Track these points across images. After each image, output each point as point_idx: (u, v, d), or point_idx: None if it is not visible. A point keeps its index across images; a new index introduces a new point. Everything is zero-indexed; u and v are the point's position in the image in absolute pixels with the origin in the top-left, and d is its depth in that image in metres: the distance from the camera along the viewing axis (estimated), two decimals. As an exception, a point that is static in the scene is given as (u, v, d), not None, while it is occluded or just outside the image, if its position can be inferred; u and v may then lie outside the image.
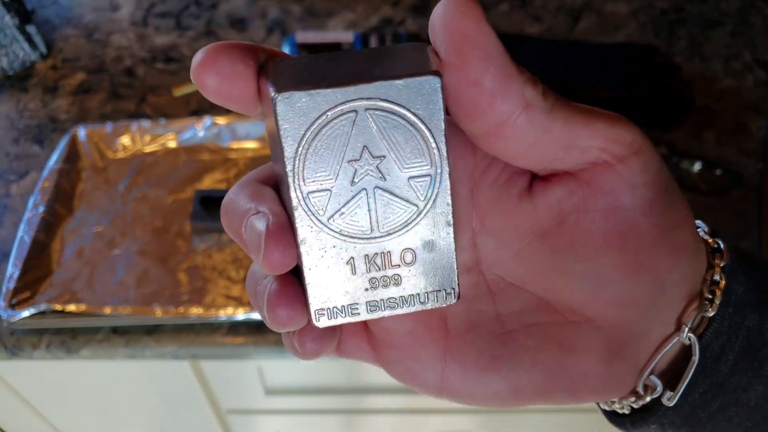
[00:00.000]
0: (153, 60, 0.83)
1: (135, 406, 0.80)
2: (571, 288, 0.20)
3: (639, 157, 0.19)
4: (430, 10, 0.86)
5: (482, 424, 0.83)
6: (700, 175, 0.68)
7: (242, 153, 0.71)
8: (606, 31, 0.84)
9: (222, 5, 0.89)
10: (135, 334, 0.59)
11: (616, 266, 0.19)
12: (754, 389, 0.22)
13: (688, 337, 0.21)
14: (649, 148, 0.19)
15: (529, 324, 0.21)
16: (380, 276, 0.19)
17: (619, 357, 0.21)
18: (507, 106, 0.17)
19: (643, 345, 0.21)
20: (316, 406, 0.78)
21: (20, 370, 0.71)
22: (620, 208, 0.19)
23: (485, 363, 0.21)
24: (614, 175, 0.19)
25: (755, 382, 0.22)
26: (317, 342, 0.19)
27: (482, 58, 0.17)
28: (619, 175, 0.19)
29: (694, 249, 0.21)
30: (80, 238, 0.65)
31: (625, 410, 0.24)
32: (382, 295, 0.19)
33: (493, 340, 0.21)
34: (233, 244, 0.64)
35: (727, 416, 0.22)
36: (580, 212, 0.19)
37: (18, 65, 0.82)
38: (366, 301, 0.19)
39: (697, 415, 0.22)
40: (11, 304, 0.59)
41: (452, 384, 0.21)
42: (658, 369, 0.22)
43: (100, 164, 0.71)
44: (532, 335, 0.21)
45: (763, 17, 0.85)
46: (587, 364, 0.21)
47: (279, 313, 0.18)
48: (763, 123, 0.73)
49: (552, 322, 0.21)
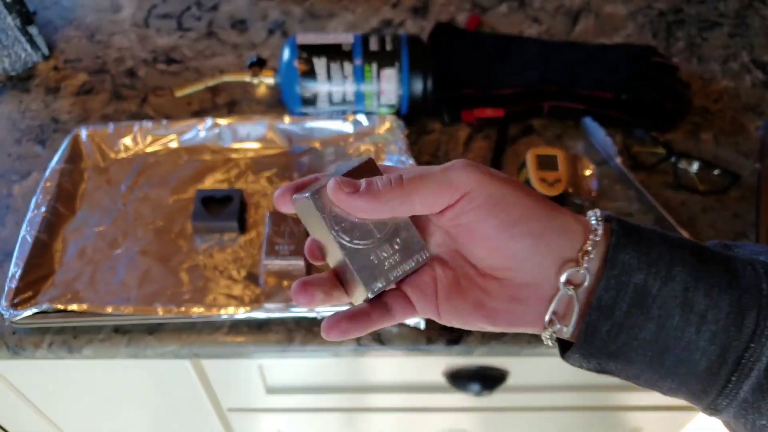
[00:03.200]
0: (154, 61, 0.83)
1: (136, 405, 0.80)
2: (480, 260, 0.33)
3: (468, 196, 0.32)
4: (430, 12, 0.87)
5: (481, 422, 0.84)
6: (698, 175, 0.69)
7: (243, 153, 0.72)
8: (604, 33, 0.84)
9: (223, 6, 0.90)
10: (137, 333, 0.60)
11: (496, 248, 0.32)
12: (648, 328, 0.31)
13: (566, 291, 0.31)
14: (477, 188, 0.31)
15: (467, 277, 0.34)
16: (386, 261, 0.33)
17: (519, 302, 0.32)
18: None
19: (539, 295, 0.32)
20: (316, 404, 0.78)
21: (22, 370, 0.71)
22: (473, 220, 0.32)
23: (451, 300, 0.34)
24: (465, 203, 0.32)
25: (647, 323, 0.31)
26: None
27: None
28: (466, 202, 0.32)
29: (565, 231, 0.32)
30: (82, 237, 0.65)
31: (549, 342, 0.33)
32: (392, 272, 0.34)
33: (452, 289, 0.34)
34: (234, 244, 0.65)
35: (631, 348, 0.31)
36: (462, 218, 0.32)
37: (20, 66, 0.82)
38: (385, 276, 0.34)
39: (608, 348, 0.31)
40: (13, 304, 0.59)
41: (444, 314, 0.34)
42: (561, 313, 0.32)
43: (101, 164, 0.71)
44: (468, 284, 0.34)
45: (760, 18, 0.85)
46: (497, 304, 0.32)
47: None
48: (760, 123, 0.73)
49: (478, 275, 0.33)
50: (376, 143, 0.71)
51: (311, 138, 0.72)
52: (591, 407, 0.80)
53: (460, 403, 0.76)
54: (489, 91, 0.75)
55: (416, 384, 0.74)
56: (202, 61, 0.83)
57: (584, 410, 0.81)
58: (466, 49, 0.80)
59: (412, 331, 0.59)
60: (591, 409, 0.81)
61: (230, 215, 0.65)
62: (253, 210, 0.67)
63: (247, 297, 0.61)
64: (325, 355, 0.60)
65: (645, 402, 0.78)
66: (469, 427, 0.85)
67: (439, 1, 0.89)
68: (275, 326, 0.60)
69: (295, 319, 0.60)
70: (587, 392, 0.76)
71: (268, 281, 0.61)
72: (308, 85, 0.70)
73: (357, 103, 0.71)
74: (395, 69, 0.69)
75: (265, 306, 0.59)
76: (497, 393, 0.70)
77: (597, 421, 0.84)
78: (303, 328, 0.59)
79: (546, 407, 0.80)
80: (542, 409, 0.80)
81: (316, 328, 0.59)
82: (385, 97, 0.71)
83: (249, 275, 0.62)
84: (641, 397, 0.77)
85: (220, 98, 0.78)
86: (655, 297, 0.30)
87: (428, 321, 0.59)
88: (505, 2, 0.88)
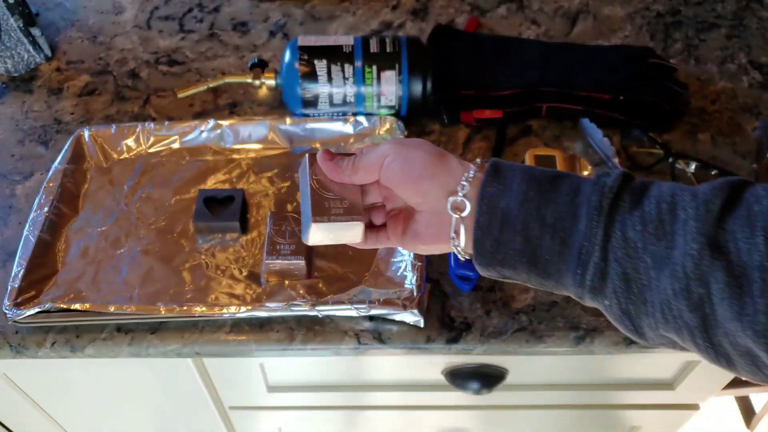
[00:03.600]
0: (156, 62, 0.84)
1: (139, 404, 0.81)
2: (408, 200, 0.46)
3: (387, 159, 0.46)
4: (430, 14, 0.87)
5: (480, 420, 0.84)
6: (696, 175, 0.69)
7: (245, 153, 0.72)
8: (602, 34, 0.85)
9: (225, 8, 0.90)
10: (139, 332, 0.60)
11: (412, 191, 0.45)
12: (516, 240, 0.42)
13: (453, 214, 0.43)
14: (391, 153, 0.46)
15: (409, 214, 0.48)
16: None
17: (433, 226, 0.45)
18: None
19: (443, 220, 0.44)
20: (316, 402, 0.79)
21: (25, 369, 0.72)
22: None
23: (406, 232, 0.48)
24: (386, 164, 0.46)
25: (515, 236, 0.41)
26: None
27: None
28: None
29: (449, 171, 0.44)
30: (85, 237, 0.66)
31: (461, 256, 0.46)
32: (333, 218, 0.47)
33: (405, 223, 0.48)
34: (236, 244, 0.65)
35: (511, 257, 0.42)
36: (391, 175, 0.46)
37: (23, 67, 0.83)
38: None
39: (496, 258, 0.43)
40: (16, 303, 0.59)
41: (405, 242, 0.48)
42: (459, 233, 0.44)
43: (104, 165, 0.72)
44: (409, 218, 0.47)
45: (758, 20, 0.86)
46: (421, 229, 0.46)
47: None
48: (757, 124, 0.74)
49: (413, 211, 0.47)
50: (376, 145, 0.71)
51: (312, 139, 0.73)
52: (589, 405, 0.80)
53: (460, 401, 0.77)
54: (488, 93, 0.75)
55: (416, 382, 0.74)
56: (204, 62, 0.83)
57: (583, 408, 0.82)
58: (466, 50, 0.80)
59: (411, 330, 0.59)
60: (589, 408, 0.81)
61: (232, 215, 0.65)
62: (254, 210, 0.68)
63: (249, 296, 0.61)
64: (326, 354, 0.61)
65: (643, 400, 0.79)
66: (468, 425, 0.85)
67: (439, 4, 0.89)
68: (276, 325, 0.60)
69: (296, 318, 0.60)
70: (586, 391, 0.76)
71: (270, 280, 0.62)
72: (309, 86, 0.70)
73: (357, 105, 0.72)
74: (395, 71, 0.70)
75: (266, 305, 0.59)
76: (496, 391, 0.70)
77: (595, 419, 0.84)
78: (304, 327, 0.60)
79: (545, 405, 0.80)
80: (541, 408, 0.81)
81: (317, 326, 0.60)
82: (385, 99, 0.71)
83: (250, 274, 0.63)
84: (640, 395, 0.77)
85: (222, 99, 0.79)
86: (516, 216, 0.41)
87: (427, 320, 0.59)
88: (504, 4, 0.89)
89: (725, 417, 1.50)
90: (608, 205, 0.39)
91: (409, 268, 0.61)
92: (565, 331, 0.59)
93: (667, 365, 0.72)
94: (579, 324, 0.59)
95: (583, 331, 0.59)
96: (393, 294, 0.59)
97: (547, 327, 0.59)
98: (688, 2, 0.88)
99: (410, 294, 0.59)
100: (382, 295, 0.59)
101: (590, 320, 0.60)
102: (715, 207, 0.36)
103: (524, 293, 0.62)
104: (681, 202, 0.38)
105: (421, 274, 0.60)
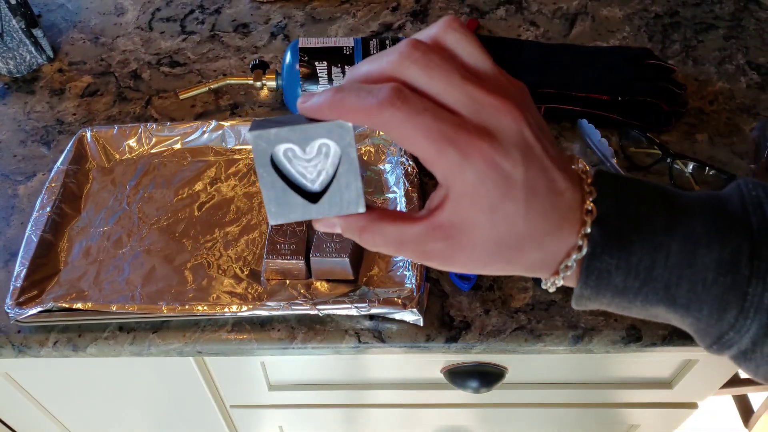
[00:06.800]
0: (158, 64, 0.84)
1: (140, 403, 0.81)
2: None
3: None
4: (430, 16, 0.88)
5: (479, 418, 0.84)
6: (694, 175, 0.69)
7: (246, 154, 0.73)
8: (601, 36, 0.85)
9: (226, 10, 0.91)
10: (141, 331, 0.61)
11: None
12: (633, 312, 0.34)
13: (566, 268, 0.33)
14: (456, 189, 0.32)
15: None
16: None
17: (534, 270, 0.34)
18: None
19: (546, 265, 0.33)
20: (317, 401, 0.79)
21: (27, 368, 0.72)
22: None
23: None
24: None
25: (632, 309, 0.34)
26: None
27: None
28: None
29: (556, 237, 0.32)
30: (87, 237, 0.66)
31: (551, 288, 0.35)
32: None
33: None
34: (237, 243, 0.66)
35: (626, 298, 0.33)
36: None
37: (25, 68, 0.83)
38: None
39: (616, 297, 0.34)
40: (19, 303, 0.60)
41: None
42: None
43: (106, 165, 0.72)
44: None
45: (755, 21, 0.86)
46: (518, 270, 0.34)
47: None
48: (755, 124, 0.74)
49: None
50: (375, 145, 0.72)
51: (312, 139, 0.73)
52: (588, 404, 0.81)
53: (459, 399, 0.77)
54: (487, 93, 0.76)
55: (415, 381, 0.74)
56: (206, 64, 0.84)
57: (581, 407, 0.82)
58: (465, 51, 0.81)
59: (411, 329, 0.60)
60: (588, 406, 0.82)
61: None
62: (255, 210, 0.68)
63: (250, 295, 0.62)
64: (326, 353, 0.61)
65: (642, 399, 0.79)
66: (467, 423, 0.85)
67: (438, 5, 0.90)
68: (277, 324, 0.61)
69: (296, 317, 0.61)
70: (585, 389, 0.77)
71: (270, 280, 0.62)
72: (310, 88, 0.71)
73: (357, 105, 0.72)
74: (395, 71, 0.70)
75: (267, 304, 0.59)
76: (495, 390, 0.71)
77: (594, 417, 0.85)
78: (305, 325, 0.60)
79: (543, 404, 0.81)
80: (540, 406, 0.81)
81: (317, 325, 0.60)
82: (385, 99, 0.71)
83: (251, 274, 0.63)
84: (638, 394, 0.77)
85: (223, 101, 0.79)
86: (637, 293, 0.32)
87: (427, 319, 0.60)
88: (503, 6, 0.89)
89: (723, 416, 1.50)
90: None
91: (409, 268, 0.61)
92: (564, 330, 0.59)
93: (665, 364, 0.73)
94: (577, 323, 0.60)
95: (582, 330, 0.59)
96: (393, 293, 0.60)
97: (545, 326, 0.60)
98: (686, 3, 0.89)
99: (410, 293, 0.59)
100: (382, 295, 0.60)
101: (588, 319, 0.60)
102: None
103: (523, 293, 0.62)
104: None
105: (421, 273, 0.61)
